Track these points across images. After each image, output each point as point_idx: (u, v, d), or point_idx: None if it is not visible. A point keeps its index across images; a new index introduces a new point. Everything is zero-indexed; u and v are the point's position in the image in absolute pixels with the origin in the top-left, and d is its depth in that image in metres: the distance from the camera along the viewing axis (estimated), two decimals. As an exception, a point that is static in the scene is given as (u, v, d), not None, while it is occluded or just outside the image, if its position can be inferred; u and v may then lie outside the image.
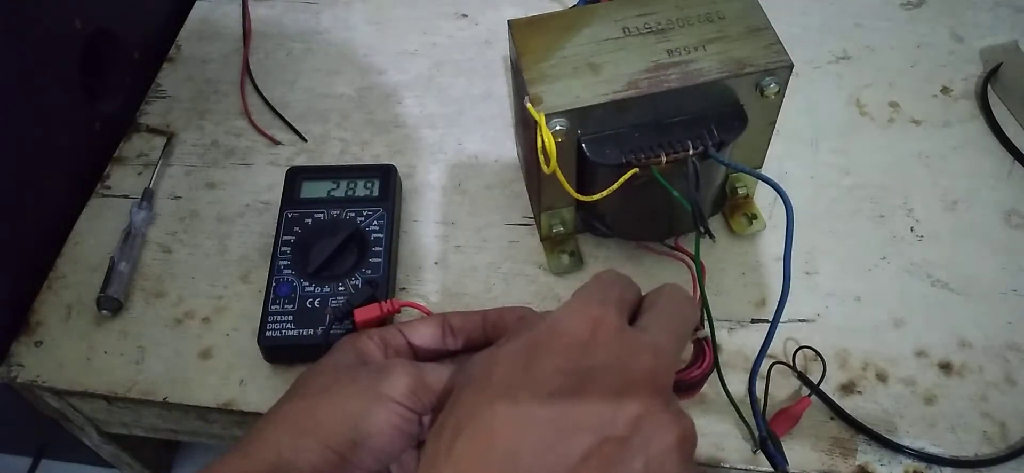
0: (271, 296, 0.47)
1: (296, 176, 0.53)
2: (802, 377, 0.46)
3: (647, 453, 0.28)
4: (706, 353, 0.42)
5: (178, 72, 0.64)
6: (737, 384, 0.46)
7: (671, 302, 0.34)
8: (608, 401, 0.29)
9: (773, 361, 0.46)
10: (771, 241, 0.53)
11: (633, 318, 0.34)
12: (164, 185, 0.57)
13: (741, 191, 0.51)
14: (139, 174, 0.58)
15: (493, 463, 0.28)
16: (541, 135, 0.42)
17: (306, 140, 0.59)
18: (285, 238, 0.50)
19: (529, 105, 0.42)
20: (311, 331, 0.46)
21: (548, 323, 0.32)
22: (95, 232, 0.54)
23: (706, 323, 0.41)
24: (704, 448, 0.44)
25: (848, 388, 0.47)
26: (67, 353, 0.49)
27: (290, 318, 0.46)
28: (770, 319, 0.40)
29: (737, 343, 0.48)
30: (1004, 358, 0.47)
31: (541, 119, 0.42)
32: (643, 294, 0.35)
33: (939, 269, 0.51)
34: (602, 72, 0.44)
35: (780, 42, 0.45)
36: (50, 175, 0.55)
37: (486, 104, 0.61)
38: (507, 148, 0.58)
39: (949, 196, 0.55)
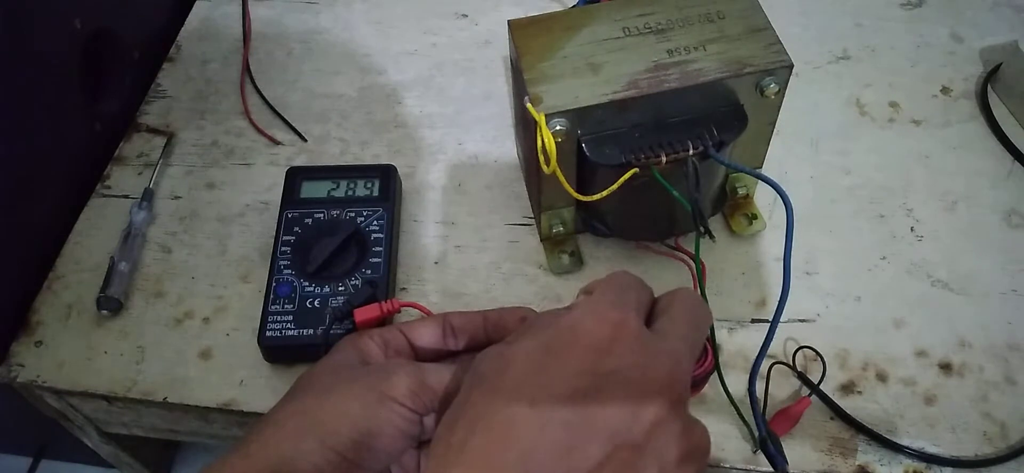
0: (271, 296, 0.47)
1: (296, 176, 0.53)
2: (802, 377, 0.46)
3: (662, 460, 0.28)
4: (707, 353, 0.43)
5: (178, 72, 0.64)
6: (737, 384, 0.46)
7: (686, 307, 0.34)
8: (626, 406, 0.28)
9: (773, 361, 0.46)
10: (771, 241, 0.53)
11: (646, 321, 0.33)
12: (164, 185, 0.57)
13: (741, 191, 0.51)
14: (139, 174, 0.58)
15: (507, 463, 0.28)
16: (541, 135, 0.42)
17: (306, 140, 0.59)
18: (285, 238, 0.50)
19: (529, 105, 0.42)
20: (311, 331, 0.46)
21: (566, 324, 0.31)
22: (95, 232, 0.54)
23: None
24: (704, 448, 0.44)
25: (848, 388, 0.47)
26: (67, 353, 0.49)
27: (290, 318, 0.46)
28: (770, 319, 0.40)
29: (737, 343, 0.48)
30: (1004, 358, 0.47)
31: (541, 119, 0.42)
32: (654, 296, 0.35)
33: (939, 269, 0.51)
34: (602, 72, 0.44)
35: (780, 42, 0.45)
36: (50, 175, 0.54)
37: (486, 104, 0.61)
38: (507, 148, 0.58)
39: (949, 196, 0.55)
